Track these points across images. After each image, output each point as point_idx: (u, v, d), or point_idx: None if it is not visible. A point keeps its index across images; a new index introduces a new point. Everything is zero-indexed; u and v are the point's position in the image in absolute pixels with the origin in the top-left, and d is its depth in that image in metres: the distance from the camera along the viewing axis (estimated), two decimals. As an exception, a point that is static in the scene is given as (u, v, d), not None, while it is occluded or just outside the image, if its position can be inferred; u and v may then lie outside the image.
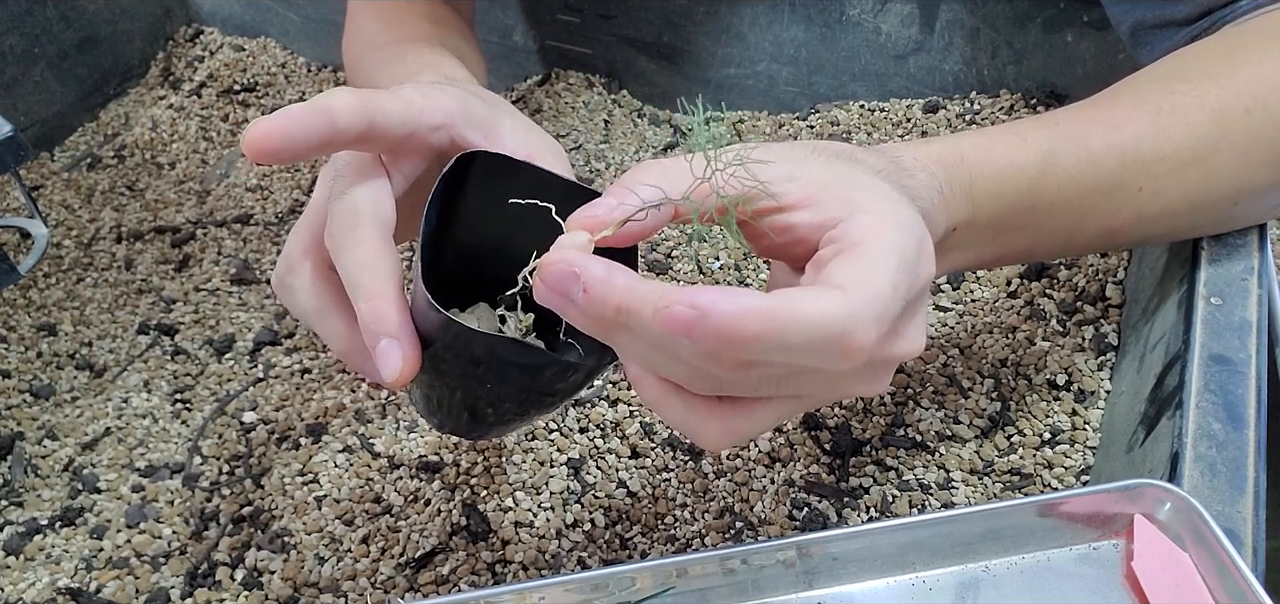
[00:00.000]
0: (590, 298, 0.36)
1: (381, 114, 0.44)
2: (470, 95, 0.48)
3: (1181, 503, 0.41)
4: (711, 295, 0.34)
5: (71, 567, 0.60)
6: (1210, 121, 0.51)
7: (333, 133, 0.42)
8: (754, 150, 0.41)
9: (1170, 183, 0.51)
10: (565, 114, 0.94)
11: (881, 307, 0.36)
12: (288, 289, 0.47)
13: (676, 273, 0.74)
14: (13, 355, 0.77)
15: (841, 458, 0.59)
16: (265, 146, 0.41)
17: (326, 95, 0.43)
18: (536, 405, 0.44)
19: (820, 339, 0.35)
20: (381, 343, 0.41)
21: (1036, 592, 0.42)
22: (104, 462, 0.67)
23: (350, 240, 0.43)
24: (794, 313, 0.35)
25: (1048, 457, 0.57)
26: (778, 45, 0.89)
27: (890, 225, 0.39)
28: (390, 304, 0.41)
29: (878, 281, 0.37)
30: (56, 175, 0.99)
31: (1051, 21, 0.81)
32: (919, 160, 0.46)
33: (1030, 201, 0.49)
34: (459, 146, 0.47)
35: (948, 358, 0.65)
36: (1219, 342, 0.50)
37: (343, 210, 0.43)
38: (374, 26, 0.73)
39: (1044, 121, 0.52)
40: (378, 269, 0.42)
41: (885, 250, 0.38)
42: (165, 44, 1.15)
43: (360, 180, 0.44)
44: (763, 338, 0.34)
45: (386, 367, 0.41)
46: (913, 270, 0.38)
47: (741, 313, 0.34)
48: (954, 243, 0.48)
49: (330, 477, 0.63)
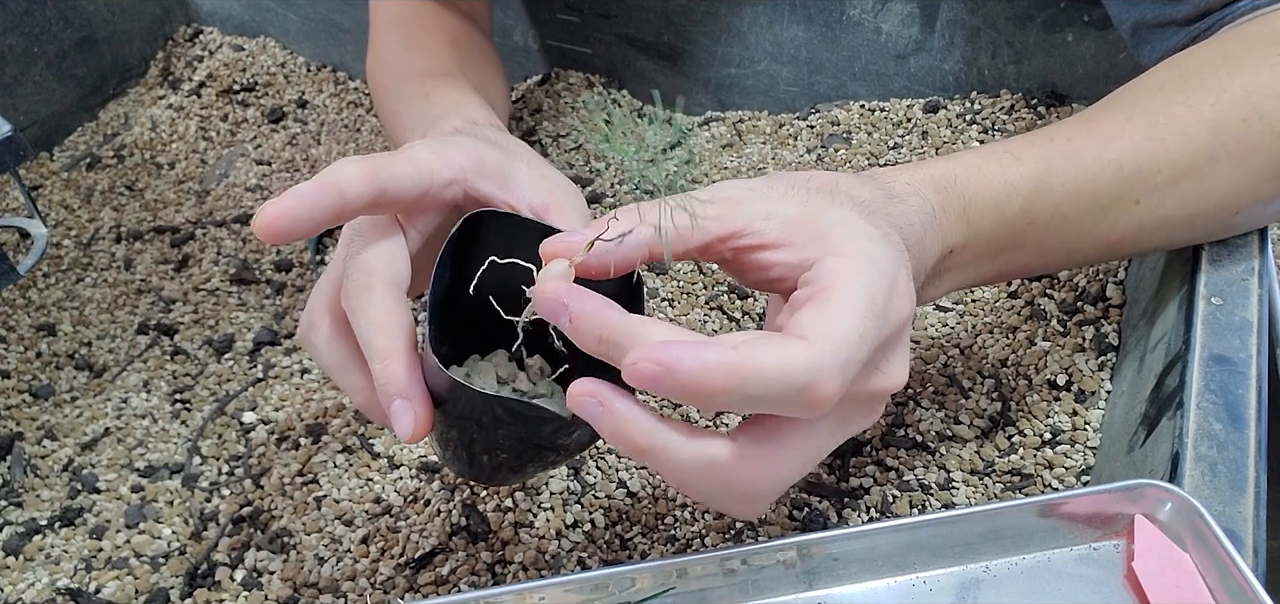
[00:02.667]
0: (576, 328, 0.39)
1: (392, 180, 0.45)
2: (485, 144, 0.50)
3: (1182, 503, 0.41)
4: (677, 351, 0.36)
5: (71, 567, 0.60)
6: (1206, 132, 0.51)
7: (342, 206, 0.44)
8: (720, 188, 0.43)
9: (1168, 195, 0.51)
10: (565, 114, 0.94)
11: (845, 355, 0.37)
12: (310, 344, 0.49)
13: (677, 272, 0.74)
14: (12, 355, 0.77)
15: (841, 458, 0.59)
16: (277, 228, 0.43)
17: (335, 168, 0.44)
18: (540, 459, 0.46)
19: (783, 390, 0.36)
20: (395, 404, 0.43)
21: (1037, 592, 0.42)
22: (103, 462, 0.67)
23: (363, 301, 0.44)
24: (756, 367, 0.36)
25: (1048, 457, 0.57)
26: (778, 45, 0.89)
27: (861, 267, 0.40)
28: (400, 364, 0.43)
29: (842, 330, 0.37)
30: (56, 175, 0.99)
31: (1052, 21, 0.81)
32: (911, 185, 0.46)
33: (1026, 219, 0.49)
34: (473, 199, 0.48)
35: (948, 358, 0.65)
36: (1219, 342, 0.50)
37: (357, 270, 0.45)
38: (397, 53, 0.74)
39: (1038, 138, 0.52)
40: (390, 328, 0.43)
41: (853, 295, 0.39)
42: (165, 44, 1.15)
43: (375, 240, 0.46)
44: (728, 391, 0.36)
45: (399, 425, 0.43)
46: (882, 313, 0.39)
47: (704, 369, 0.35)
48: (952, 264, 0.48)
49: (330, 477, 0.63)
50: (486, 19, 0.84)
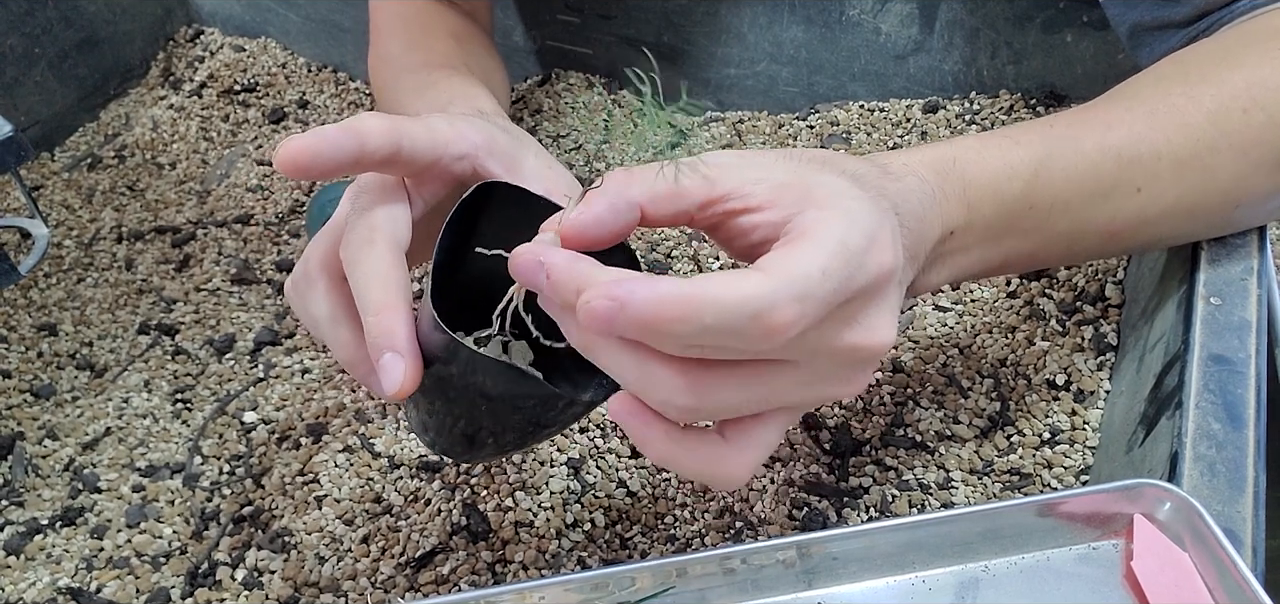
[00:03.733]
0: (553, 283, 0.38)
1: (409, 141, 0.46)
2: (497, 129, 0.50)
3: (1181, 503, 0.41)
4: (630, 285, 0.36)
5: (72, 567, 0.60)
6: (1207, 122, 0.51)
7: (361, 153, 0.44)
8: (713, 156, 0.42)
9: (1169, 184, 0.51)
10: (565, 114, 0.94)
11: (803, 287, 0.37)
12: (300, 295, 0.48)
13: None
14: (13, 355, 0.77)
15: (841, 458, 0.60)
16: (298, 162, 0.43)
17: (358, 118, 0.45)
18: (530, 433, 0.45)
19: (737, 317, 0.36)
20: (385, 356, 0.42)
21: (1036, 592, 0.42)
22: (104, 461, 0.68)
23: (364, 254, 0.44)
24: (709, 295, 0.36)
25: (1047, 456, 0.57)
26: (778, 45, 0.89)
27: (836, 218, 0.40)
28: (397, 318, 0.43)
29: (804, 266, 0.37)
30: (57, 175, 0.99)
31: (1051, 21, 0.81)
32: (908, 166, 0.46)
33: (1027, 203, 0.49)
34: (481, 177, 0.48)
35: (947, 358, 0.65)
36: (1218, 341, 0.50)
37: (360, 225, 0.45)
38: (400, 50, 0.74)
39: (1038, 125, 0.52)
40: (388, 284, 0.43)
41: (822, 240, 0.38)
42: (165, 44, 1.15)
43: (381, 201, 0.46)
44: (683, 320, 0.36)
45: (388, 378, 0.42)
46: (855, 259, 0.39)
47: (658, 299, 0.35)
48: (954, 246, 0.48)
49: (330, 476, 0.63)
50: (487, 18, 0.84)
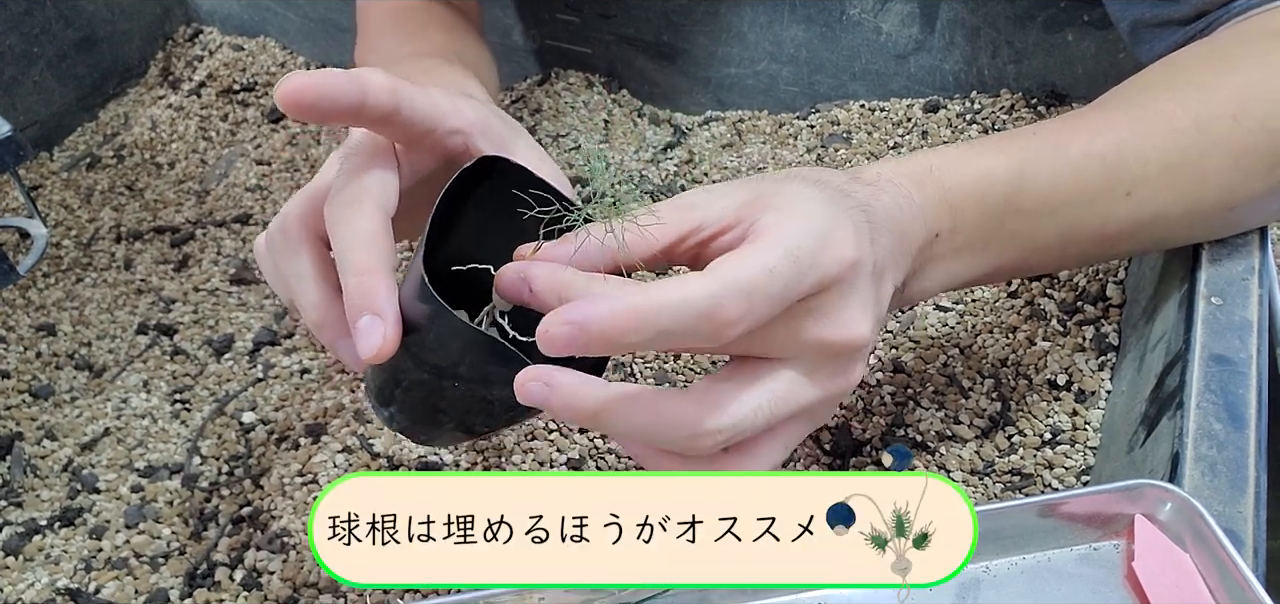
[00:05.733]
0: (537, 294, 0.40)
1: (408, 103, 0.45)
2: (492, 114, 0.50)
3: (1182, 503, 0.41)
4: (585, 307, 0.37)
5: (71, 567, 0.60)
6: (1194, 127, 0.51)
7: (362, 104, 0.43)
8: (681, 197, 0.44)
9: (1159, 188, 0.51)
10: (565, 114, 0.94)
11: (747, 283, 0.38)
12: (274, 248, 0.47)
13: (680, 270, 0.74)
14: (12, 355, 0.77)
15: (841, 458, 0.59)
16: (301, 100, 0.42)
17: (363, 69, 0.44)
18: (498, 416, 0.45)
19: (686, 317, 0.37)
20: (363, 319, 0.41)
21: (1037, 592, 0.42)
22: (103, 462, 0.67)
23: (350, 214, 0.43)
24: (656, 302, 0.37)
25: (1048, 457, 0.57)
26: (778, 45, 0.89)
27: (788, 219, 0.40)
28: (379, 281, 0.42)
29: (749, 264, 0.39)
30: (56, 175, 0.99)
31: (1052, 21, 0.81)
32: (883, 174, 0.47)
33: (1012, 206, 0.50)
34: (473, 155, 0.47)
35: (948, 358, 0.65)
36: (1220, 341, 0.50)
37: (349, 186, 0.44)
38: (391, 42, 0.73)
39: (1022, 132, 0.52)
40: (373, 247, 0.42)
41: (773, 240, 0.39)
42: (165, 44, 1.15)
43: (372, 164, 0.45)
44: (639, 328, 0.37)
45: (365, 341, 0.41)
46: (808, 254, 0.40)
47: (612, 314, 0.37)
48: (941, 250, 0.49)
49: (329, 477, 0.63)
50: (477, 14, 0.83)
